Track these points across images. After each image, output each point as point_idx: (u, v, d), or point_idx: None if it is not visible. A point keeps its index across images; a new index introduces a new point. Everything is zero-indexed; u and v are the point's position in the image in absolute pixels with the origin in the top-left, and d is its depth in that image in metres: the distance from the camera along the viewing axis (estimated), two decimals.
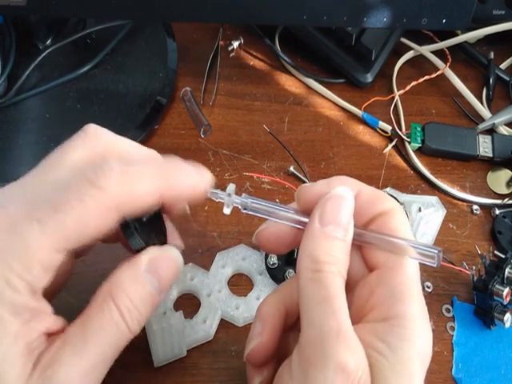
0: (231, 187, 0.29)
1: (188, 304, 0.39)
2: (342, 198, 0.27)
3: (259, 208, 0.29)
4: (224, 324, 0.39)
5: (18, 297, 0.22)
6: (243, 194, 0.29)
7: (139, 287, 0.25)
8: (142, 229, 0.27)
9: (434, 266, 0.26)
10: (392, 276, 0.26)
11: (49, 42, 0.51)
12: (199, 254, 0.42)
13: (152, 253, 0.27)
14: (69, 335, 0.24)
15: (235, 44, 0.56)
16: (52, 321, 0.24)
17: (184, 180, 0.27)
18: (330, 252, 0.26)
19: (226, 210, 0.29)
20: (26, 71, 0.48)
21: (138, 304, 0.25)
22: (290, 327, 0.30)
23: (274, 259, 0.41)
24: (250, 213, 0.29)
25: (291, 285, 0.30)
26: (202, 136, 0.49)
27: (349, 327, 0.24)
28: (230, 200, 0.29)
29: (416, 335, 0.24)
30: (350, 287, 0.27)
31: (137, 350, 0.36)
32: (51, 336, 0.24)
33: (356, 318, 0.26)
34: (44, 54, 0.49)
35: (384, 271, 0.26)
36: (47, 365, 0.23)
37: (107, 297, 0.25)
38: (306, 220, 0.28)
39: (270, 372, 0.29)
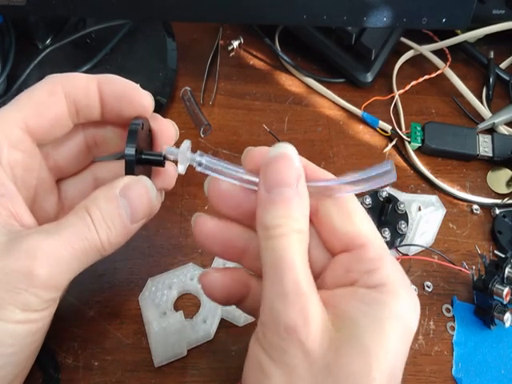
0: (186, 143, 0.28)
1: (188, 304, 0.39)
2: (281, 157, 0.26)
3: (213, 167, 0.28)
4: (224, 324, 0.39)
5: None
6: (198, 151, 0.28)
7: (111, 206, 0.27)
8: (139, 162, 0.28)
9: (394, 179, 0.26)
10: (364, 253, 0.26)
11: (48, 41, 0.51)
12: (199, 254, 0.42)
13: (128, 180, 0.28)
14: (43, 226, 0.26)
15: (235, 44, 0.56)
16: (22, 209, 0.27)
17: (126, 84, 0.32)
18: (277, 215, 0.25)
19: (181, 168, 0.28)
20: (26, 71, 0.48)
21: (109, 220, 0.27)
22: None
23: None
24: (204, 171, 0.28)
25: None
26: (202, 136, 0.49)
27: (300, 288, 0.24)
28: (184, 157, 0.28)
29: (395, 300, 0.24)
30: (316, 273, 0.27)
31: (137, 350, 0.36)
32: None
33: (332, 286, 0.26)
34: (44, 54, 0.49)
35: (355, 251, 0.26)
36: (21, 236, 0.25)
37: (82, 208, 0.27)
38: (255, 180, 0.27)
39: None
